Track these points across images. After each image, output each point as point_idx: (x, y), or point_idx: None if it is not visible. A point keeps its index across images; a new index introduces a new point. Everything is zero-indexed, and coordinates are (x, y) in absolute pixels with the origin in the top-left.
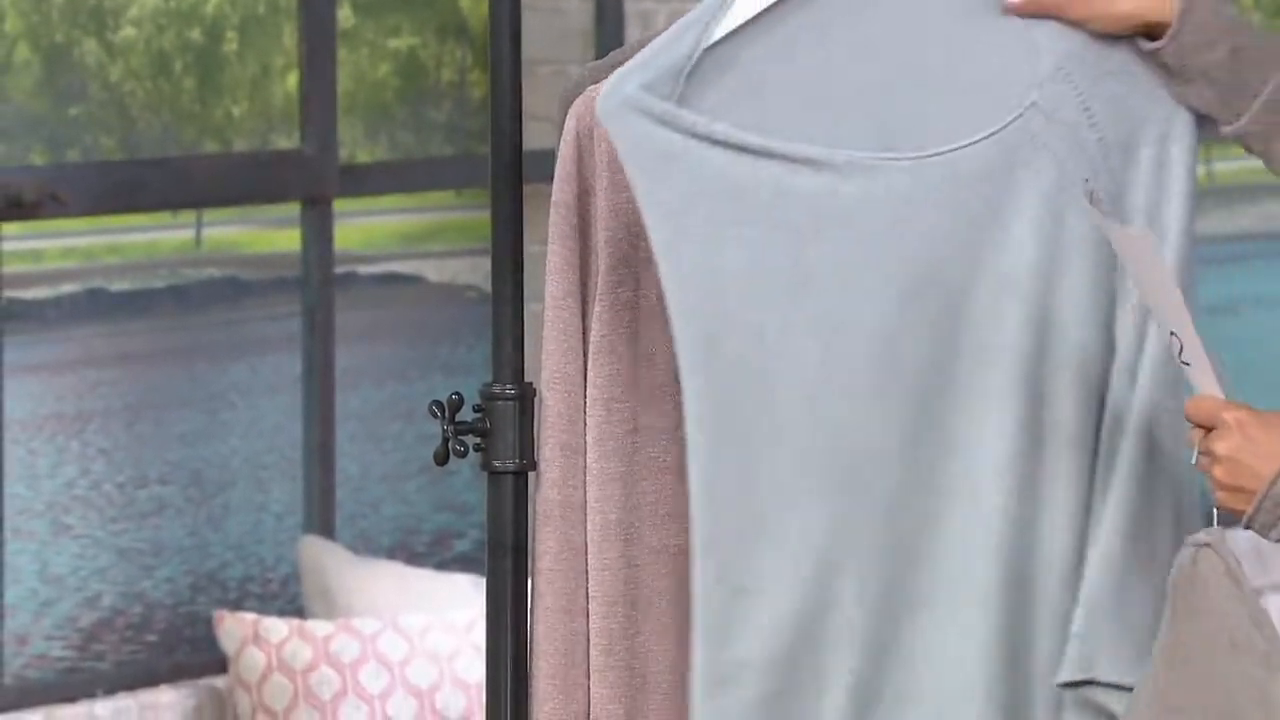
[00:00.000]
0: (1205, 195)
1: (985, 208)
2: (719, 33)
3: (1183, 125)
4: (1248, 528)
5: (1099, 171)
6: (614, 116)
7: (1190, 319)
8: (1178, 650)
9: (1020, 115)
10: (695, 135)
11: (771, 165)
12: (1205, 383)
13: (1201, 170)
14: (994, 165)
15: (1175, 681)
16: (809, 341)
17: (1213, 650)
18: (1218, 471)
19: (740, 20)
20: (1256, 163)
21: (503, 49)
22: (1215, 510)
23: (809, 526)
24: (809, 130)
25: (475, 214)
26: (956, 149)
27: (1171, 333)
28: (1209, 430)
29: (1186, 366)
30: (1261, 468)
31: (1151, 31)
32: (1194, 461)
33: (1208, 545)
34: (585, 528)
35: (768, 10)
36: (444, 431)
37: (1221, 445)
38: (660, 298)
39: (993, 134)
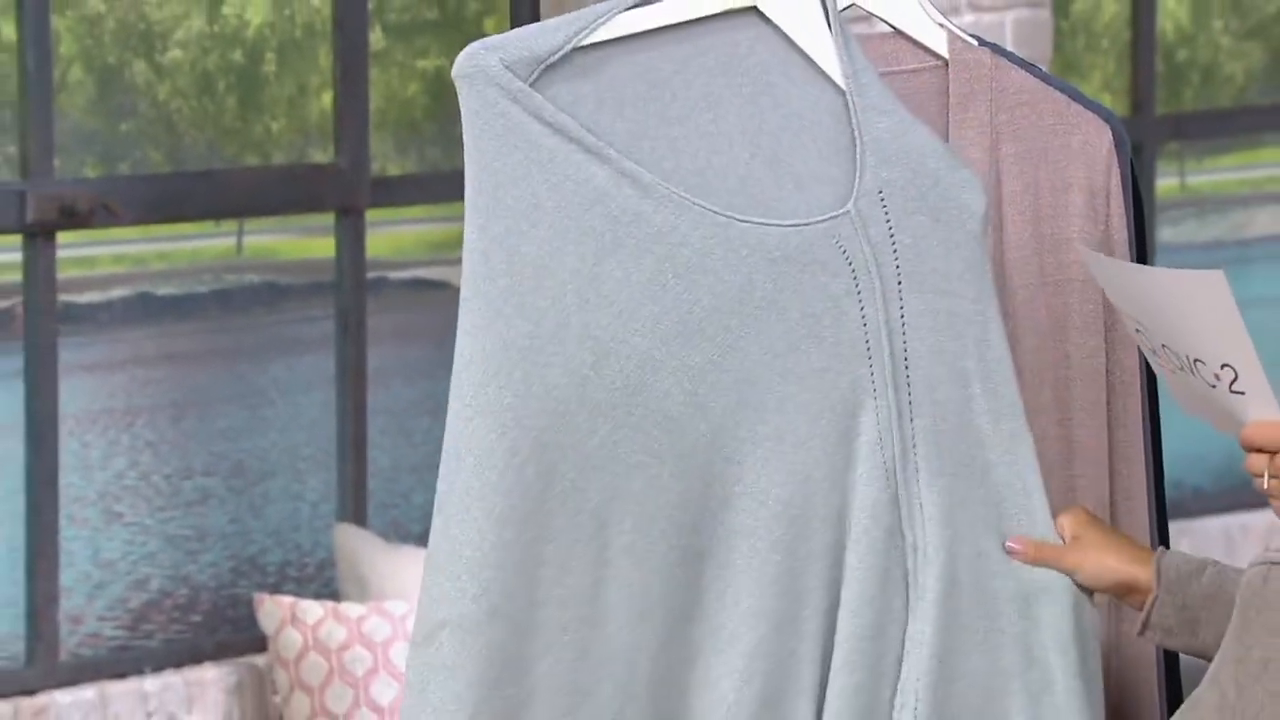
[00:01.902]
0: (1179, 206)
1: (772, 288)
2: (592, 38)
3: (982, 282)
4: None
5: (889, 297)
6: (468, 79)
7: (1253, 350)
8: (1250, 664)
9: (832, 217)
10: (540, 119)
11: (600, 170)
12: (1266, 409)
13: (1175, 182)
14: (793, 253)
15: (1250, 694)
16: (580, 350)
17: None
18: None
19: (615, 34)
20: (1227, 175)
21: None
22: None
23: (552, 517)
24: (641, 153)
25: None
26: (765, 224)
27: (1224, 364)
28: (1274, 453)
29: (1239, 395)
30: None
31: (1134, 588)
32: (1265, 486)
33: None
34: None
35: (641, 35)
36: None
37: None
38: None
39: (802, 224)
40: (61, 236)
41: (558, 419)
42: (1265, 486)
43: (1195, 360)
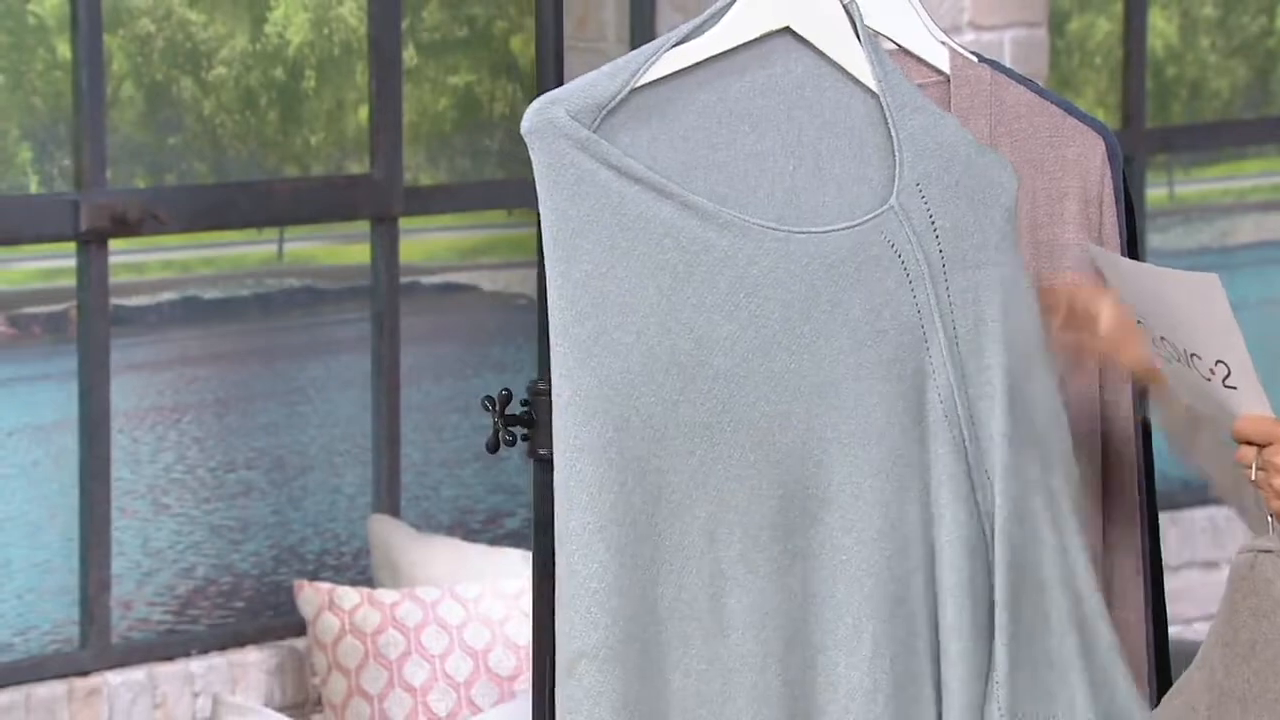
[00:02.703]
0: (1168, 214)
1: (834, 290)
2: (645, 79)
3: (1013, 250)
4: None
5: (936, 280)
6: (538, 134)
7: (1245, 349)
8: (1238, 646)
9: (878, 215)
10: (608, 165)
11: (666, 206)
12: (1257, 403)
13: (1164, 192)
14: (847, 254)
15: (1238, 674)
16: (668, 378)
17: None
18: (1278, 482)
19: (664, 73)
20: (1213, 185)
21: (548, 85)
22: (1271, 518)
23: (664, 538)
24: (697, 183)
25: (524, 230)
26: (820, 232)
27: (1218, 360)
28: (1263, 446)
29: (1232, 390)
30: None
31: (1159, 376)
32: (1253, 477)
33: (1269, 551)
34: None
35: (689, 69)
36: (495, 423)
37: None
38: None
39: (852, 226)
40: (113, 244)
41: (657, 445)
42: (1253, 477)
43: (1192, 355)
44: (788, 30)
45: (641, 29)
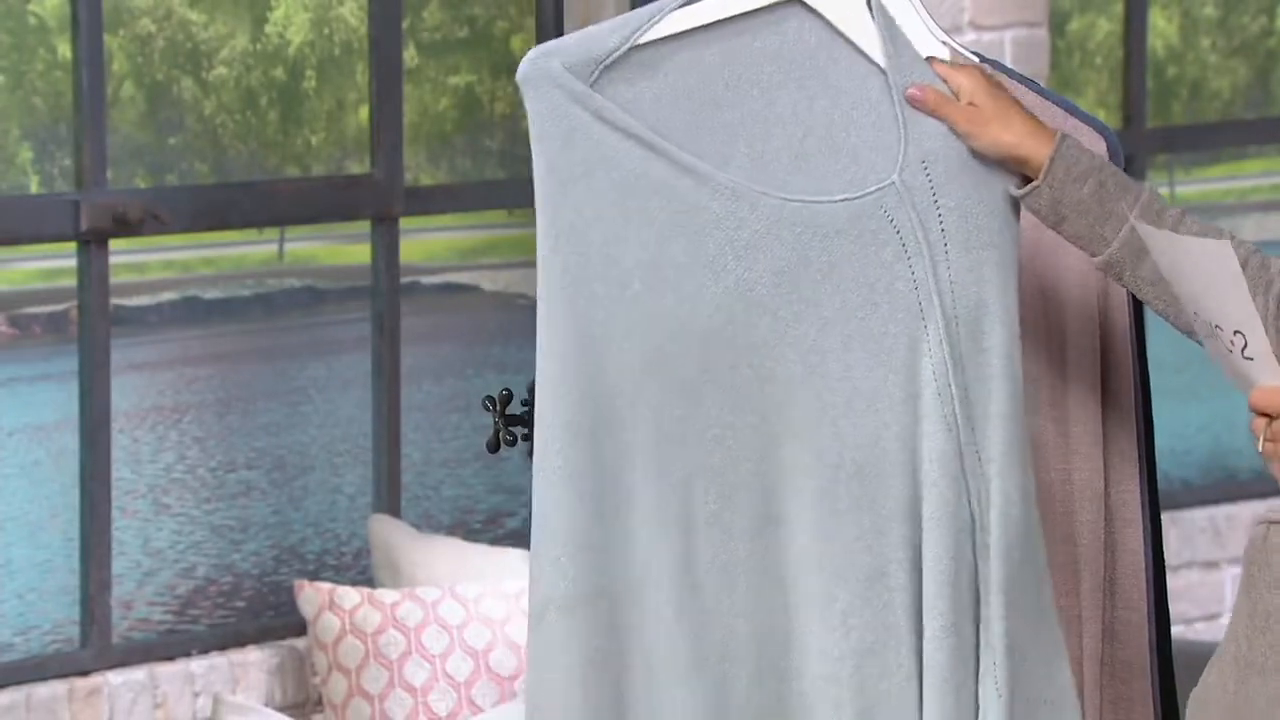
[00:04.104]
0: None
1: (827, 261)
2: (646, 38)
3: (1013, 234)
4: None
5: (937, 258)
6: (532, 83)
7: (1259, 318)
8: (1256, 618)
9: (879, 189)
10: (601, 118)
11: (659, 164)
12: (1271, 374)
13: (1165, 192)
14: (844, 226)
15: (1257, 645)
16: (650, 332)
17: None
18: None
19: (667, 32)
20: (1214, 185)
21: None
22: None
23: (636, 493)
24: (695, 145)
25: (525, 230)
26: (817, 201)
27: (1236, 331)
28: (1275, 418)
29: (1250, 361)
30: None
31: (1025, 166)
32: (1260, 449)
33: (1279, 523)
34: None
35: (692, 30)
36: (495, 423)
37: None
38: None
39: (852, 198)
40: (114, 244)
41: (634, 400)
42: (1260, 448)
43: (1216, 326)
44: (798, 1)
45: None
